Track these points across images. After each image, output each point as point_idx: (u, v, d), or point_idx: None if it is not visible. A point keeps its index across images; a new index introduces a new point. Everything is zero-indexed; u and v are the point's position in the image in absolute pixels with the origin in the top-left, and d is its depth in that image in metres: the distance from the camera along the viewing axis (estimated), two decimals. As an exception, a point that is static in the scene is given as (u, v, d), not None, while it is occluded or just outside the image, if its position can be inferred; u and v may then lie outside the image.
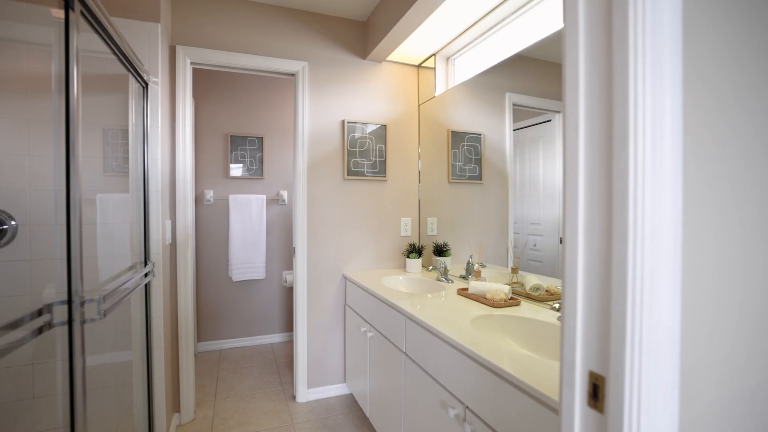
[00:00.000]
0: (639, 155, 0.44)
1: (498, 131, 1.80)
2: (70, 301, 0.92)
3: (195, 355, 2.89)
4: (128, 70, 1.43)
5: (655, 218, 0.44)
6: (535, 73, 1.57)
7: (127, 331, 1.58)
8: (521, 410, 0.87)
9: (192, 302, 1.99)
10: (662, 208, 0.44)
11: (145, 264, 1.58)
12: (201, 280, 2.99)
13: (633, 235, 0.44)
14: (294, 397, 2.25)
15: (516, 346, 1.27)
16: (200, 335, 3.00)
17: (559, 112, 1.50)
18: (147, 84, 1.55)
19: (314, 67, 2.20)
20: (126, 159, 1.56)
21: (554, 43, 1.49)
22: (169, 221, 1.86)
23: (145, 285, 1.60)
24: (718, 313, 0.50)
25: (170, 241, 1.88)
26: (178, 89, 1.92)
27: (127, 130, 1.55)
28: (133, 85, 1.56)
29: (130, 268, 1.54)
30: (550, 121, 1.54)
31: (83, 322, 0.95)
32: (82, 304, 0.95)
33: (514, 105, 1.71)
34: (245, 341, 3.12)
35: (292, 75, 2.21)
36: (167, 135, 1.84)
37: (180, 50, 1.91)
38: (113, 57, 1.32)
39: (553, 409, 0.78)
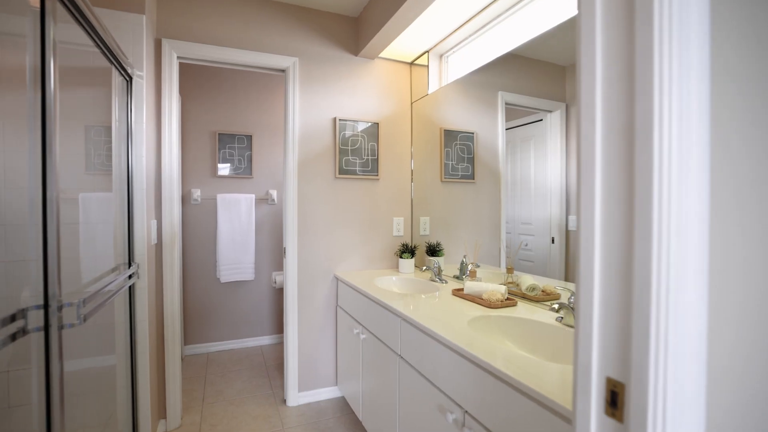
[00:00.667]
0: (665, 147, 0.41)
1: (491, 130, 1.79)
2: (46, 306, 0.86)
3: (182, 359, 2.80)
4: (111, 62, 1.37)
5: (681, 215, 0.41)
6: (527, 72, 1.57)
7: (111, 335, 1.51)
8: (524, 415, 0.85)
9: (178, 304, 1.92)
10: (688, 203, 0.41)
11: (129, 265, 1.51)
12: (188, 282, 2.90)
13: (657, 232, 0.41)
14: (284, 401, 2.20)
15: (514, 347, 1.25)
16: (187, 338, 2.91)
17: (550, 111, 1.49)
18: (131, 78, 1.48)
19: (305, 63, 2.15)
20: (110, 157, 1.49)
21: (546, 42, 1.48)
22: (155, 221, 1.78)
23: (130, 287, 1.53)
24: (744, 315, 0.48)
25: (156, 242, 1.81)
26: (164, 84, 1.85)
27: (110, 127, 1.48)
28: (117, 78, 1.49)
29: (114, 270, 1.47)
30: (541, 120, 1.53)
31: (61, 327, 0.89)
32: (60, 308, 0.89)
33: (506, 104, 1.71)
34: (234, 344, 3.04)
35: (283, 71, 2.15)
36: (152, 132, 1.77)
37: (166, 44, 1.84)
38: (95, 49, 1.26)
39: (558, 413, 0.76)
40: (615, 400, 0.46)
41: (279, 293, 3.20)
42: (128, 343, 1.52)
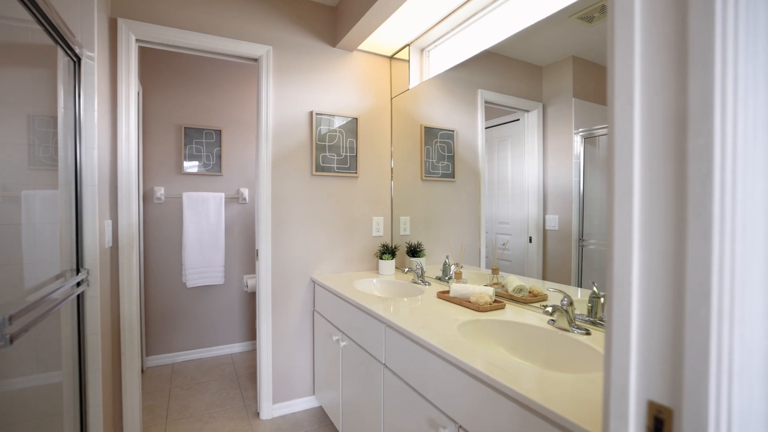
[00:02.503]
0: (728, 130, 0.34)
1: (470, 128, 1.77)
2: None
3: (142, 372, 2.58)
4: (55, 40, 1.19)
5: (747, 208, 0.35)
6: (506, 71, 1.56)
7: (55, 350, 1.32)
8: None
9: (137, 312, 1.74)
10: (755, 195, 0.35)
11: (78, 271, 1.33)
12: (150, 287, 2.68)
13: (719, 230, 0.35)
14: (258, 414, 2.05)
15: (507, 353, 1.19)
16: (149, 348, 2.69)
17: (528, 111, 1.49)
18: (79, 59, 1.31)
19: (280, 52, 2.02)
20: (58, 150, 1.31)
21: (524, 41, 1.49)
22: (109, 221, 1.60)
23: (78, 296, 1.35)
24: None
25: (111, 244, 1.62)
26: (121, 70, 1.66)
27: (57, 117, 1.30)
28: (62, 59, 1.30)
29: (59, 277, 1.29)
30: (518, 120, 1.53)
31: (-19, 350, 0.74)
32: (-20, 327, 0.73)
33: (486, 102, 1.69)
34: (202, 353, 2.84)
35: (255, 60, 2.01)
36: (106, 122, 1.58)
37: (123, 24, 1.66)
38: (37, 26, 1.09)
39: (568, 431, 0.69)
40: (660, 428, 0.39)
41: (251, 297, 3.02)
42: (76, 360, 1.34)
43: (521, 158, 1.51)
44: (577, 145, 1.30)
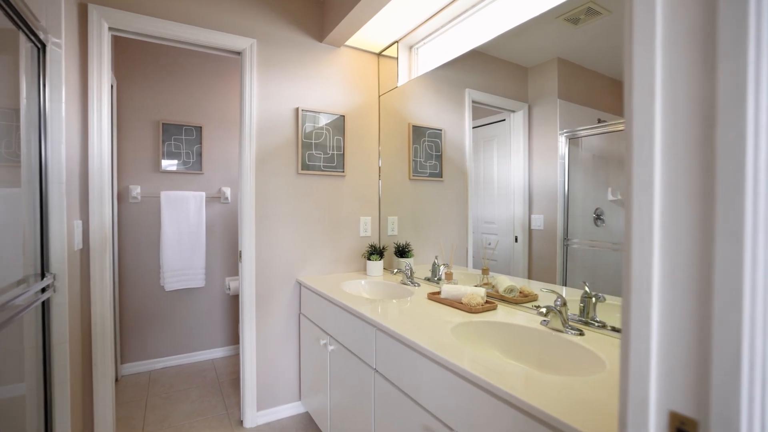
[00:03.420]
0: (762, 121, 0.32)
1: (458, 128, 1.76)
2: None
3: (117, 380, 2.45)
4: (16, 24, 1.10)
5: (782, 207, 0.32)
6: (493, 71, 1.57)
7: (17, 363, 1.22)
8: (526, 436, 0.75)
9: (111, 318, 1.64)
10: (790, 193, 0.33)
11: (43, 276, 1.24)
12: (126, 292, 2.55)
13: (752, 230, 0.32)
14: (241, 423, 1.98)
15: (502, 356, 1.17)
16: (125, 356, 2.56)
17: (514, 111, 1.50)
18: (44, 45, 1.21)
19: (264, 46, 1.94)
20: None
21: (511, 41, 1.49)
22: (79, 222, 1.50)
23: (43, 302, 1.25)
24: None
25: (81, 247, 1.52)
26: (92, 59, 1.56)
27: (20, 108, 1.20)
28: (25, 45, 1.21)
29: (20, 282, 1.19)
30: (504, 120, 1.54)
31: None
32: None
33: (473, 102, 1.68)
34: (181, 359, 2.73)
35: (238, 54, 1.93)
36: (76, 115, 1.48)
37: (94, 10, 1.55)
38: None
39: (570, 436, 0.67)
40: (684, 441, 0.37)
41: (233, 300, 2.92)
42: (41, 372, 1.24)
43: (507, 158, 1.51)
44: (562, 145, 1.31)
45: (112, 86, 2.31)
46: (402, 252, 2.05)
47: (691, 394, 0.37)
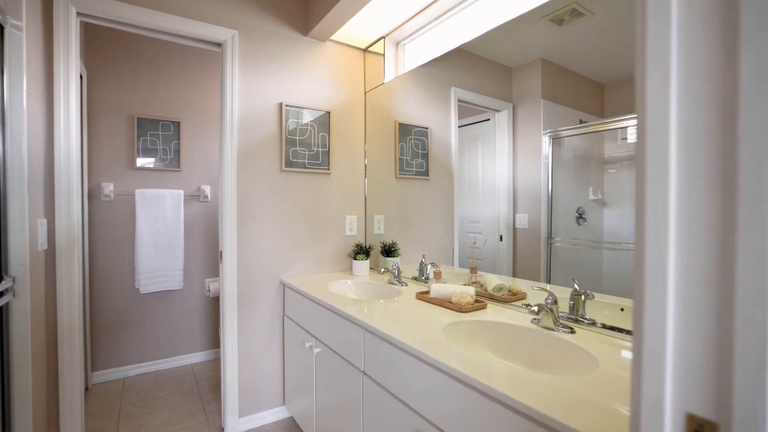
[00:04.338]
0: (791, 104, 0.30)
1: (444, 126, 1.76)
2: None
3: (87, 389, 2.32)
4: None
5: (811, 196, 0.30)
6: (479, 71, 1.57)
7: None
8: (522, 439, 0.73)
9: (79, 324, 1.54)
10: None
11: (1, 279, 1.14)
12: (98, 295, 2.42)
13: (780, 220, 0.30)
14: (222, 430, 1.90)
15: (494, 356, 1.15)
16: (96, 363, 2.42)
17: (498, 111, 1.51)
18: (2, 27, 1.11)
19: (246, 38, 1.87)
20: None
21: (496, 40, 1.50)
22: (44, 220, 1.39)
23: (1, 308, 1.15)
24: None
25: (46, 247, 1.42)
26: (58, 47, 1.46)
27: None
28: (-19, 29, 1.10)
29: (-24, 286, 1.09)
30: (488, 120, 1.55)
31: None
32: None
33: (459, 100, 1.68)
34: (159, 364, 2.61)
35: (219, 45, 1.85)
36: (40, 106, 1.38)
37: (60, -5, 1.45)
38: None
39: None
40: (704, 446, 0.35)
41: (214, 303, 2.82)
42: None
43: (492, 158, 1.52)
44: (546, 145, 1.32)
45: (81, 77, 2.18)
46: (389, 251, 2.01)
47: (710, 395, 0.35)
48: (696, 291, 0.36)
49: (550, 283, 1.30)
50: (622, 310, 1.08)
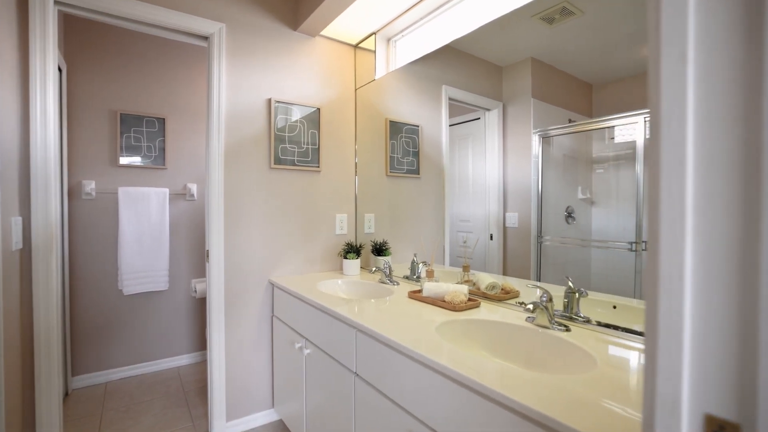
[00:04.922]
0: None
1: (435, 124, 1.75)
2: None
3: (67, 395, 2.23)
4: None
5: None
6: (470, 69, 1.57)
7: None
8: (522, 441, 0.71)
9: (58, 327, 1.47)
10: None
11: (-29, 280, 1.07)
12: (78, 296, 2.33)
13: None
14: (209, 434, 1.84)
15: (490, 355, 1.13)
16: (77, 368, 2.33)
17: (489, 109, 1.51)
18: (-28, 13, 1.05)
19: (234, 32, 1.82)
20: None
21: (487, 38, 1.49)
22: (18, 218, 1.33)
23: (-28, 311, 1.08)
24: None
25: (20, 246, 1.35)
26: (34, 37, 1.39)
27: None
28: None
29: (-57, 288, 1.02)
30: (479, 119, 1.55)
31: None
32: None
33: (450, 99, 1.67)
34: (143, 368, 2.53)
35: (206, 39, 1.80)
36: (14, 99, 1.31)
37: (36, -18, 1.38)
38: None
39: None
40: (724, 449, 0.33)
41: (200, 304, 2.75)
42: (-30, 390, 1.08)
43: (482, 156, 1.52)
44: (536, 145, 1.32)
45: (61, 70, 2.10)
46: (380, 250, 1.99)
47: (731, 395, 0.33)
48: (715, 285, 0.34)
49: (540, 281, 1.30)
50: (614, 307, 1.07)
